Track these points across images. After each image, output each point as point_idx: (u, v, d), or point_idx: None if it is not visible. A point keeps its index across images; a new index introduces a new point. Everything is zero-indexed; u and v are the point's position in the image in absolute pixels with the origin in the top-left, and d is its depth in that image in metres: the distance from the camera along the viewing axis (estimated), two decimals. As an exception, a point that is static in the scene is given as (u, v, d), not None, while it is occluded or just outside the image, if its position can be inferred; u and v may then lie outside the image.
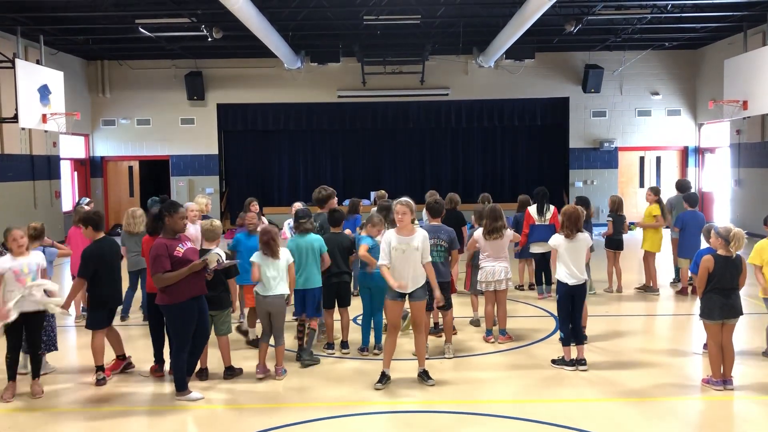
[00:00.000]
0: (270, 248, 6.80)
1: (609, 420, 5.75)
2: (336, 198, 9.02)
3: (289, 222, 9.17)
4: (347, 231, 8.78)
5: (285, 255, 6.95)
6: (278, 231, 7.11)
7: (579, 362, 7.05)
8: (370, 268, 7.29)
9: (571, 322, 7.07)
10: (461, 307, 9.41)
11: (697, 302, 6.90)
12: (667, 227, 10.91)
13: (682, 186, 11.20)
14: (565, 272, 7.01)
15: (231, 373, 6.94)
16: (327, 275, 7.44)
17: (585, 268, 7.16)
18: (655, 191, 10.87)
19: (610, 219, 10.78)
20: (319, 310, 7.49)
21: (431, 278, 6.65)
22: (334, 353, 7.59)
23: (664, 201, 11.00)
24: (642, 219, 10.99)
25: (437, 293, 6.69)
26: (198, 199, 9.60)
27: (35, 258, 6.60)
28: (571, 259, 7.00)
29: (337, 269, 7.53)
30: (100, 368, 6.81)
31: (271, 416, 5.89)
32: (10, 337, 6.43)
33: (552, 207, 10.43)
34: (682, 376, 6.99)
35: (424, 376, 6.64)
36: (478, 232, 8.24)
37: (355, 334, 7.98)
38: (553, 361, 7.17)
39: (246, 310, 8.35)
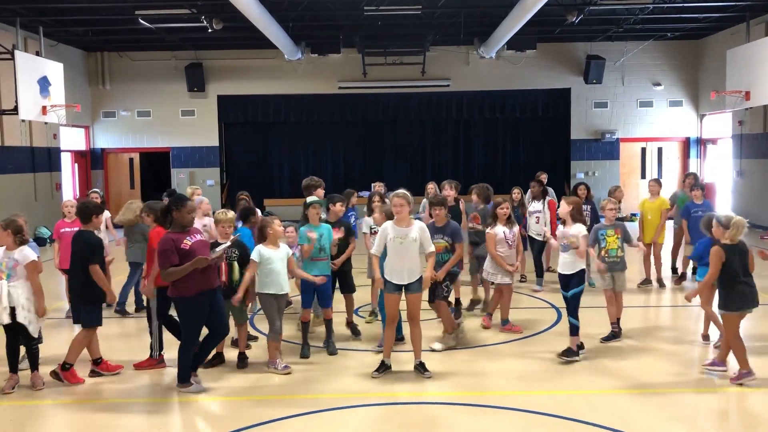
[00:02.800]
0: (266, 236, 6.78)
1: (612, 411, 5.74)
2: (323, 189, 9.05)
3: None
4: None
5: (284, 247, 6.93)
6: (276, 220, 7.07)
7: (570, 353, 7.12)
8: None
9: (568, 314, 7.14)
10: (463, 297, 9.42)
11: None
12: (670, 218, 10.90)
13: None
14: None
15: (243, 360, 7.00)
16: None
17: (581, 260, 7.13)
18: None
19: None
20: (331, 300, 7.46)
21: (429, 266, 6.63)
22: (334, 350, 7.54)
23: (668, 195, 11.02)
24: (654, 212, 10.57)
25: (427, 274, 6.61)
26: (186, 191, 9.58)
27: (18, 253, 6.33)
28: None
29: None
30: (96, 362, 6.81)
31: (273, 408, 5.88)
32: (6, 330, 6.42)
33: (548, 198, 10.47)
34: (686, 368, 6.98)
35: (420, 369, 6.64)
36: (489, 229, 8.15)
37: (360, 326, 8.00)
38: (564, 353, 7.06)
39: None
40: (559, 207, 7.28)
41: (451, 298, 8.18)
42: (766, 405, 5.97)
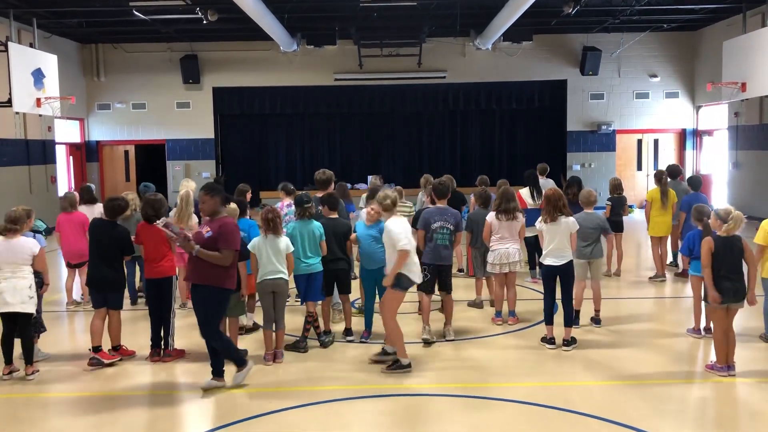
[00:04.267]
0: (274, 225, 6.80)
1: (608, 403, 5.75)
2: (333, 182, 8.97)
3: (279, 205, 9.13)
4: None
5: (285, 239, 6.92)
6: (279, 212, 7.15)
7: (565, 343, 7.15)
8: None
9: (562, 304, 7.23)
10: (462, 290, 9.43)
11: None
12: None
13: (674, 173, 11.14)
14: (543, 253, 7.24)
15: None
16: (323, 262, 7.33)
17: (569, 250, 7.20)
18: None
19: (609, 203, 10.75)
20: (322, 294, 7.47)
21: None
22: (330, 340, 7.51)
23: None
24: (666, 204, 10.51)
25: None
26: (184, 183, 9.52)
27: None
28: (550, 241, 7.14)
29: (332, 256, 7.39)
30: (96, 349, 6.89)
31: (270, 400, 5.89)
32: (3, 325, 6.52)
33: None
34: (682, 360, 7.01)
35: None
36: (491, 216, 8.17)
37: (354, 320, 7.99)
38: (541, 340, 7.34)
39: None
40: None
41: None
42: (758, 395, 5.99)
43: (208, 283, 6.02)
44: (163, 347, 7.04)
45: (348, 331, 7.61)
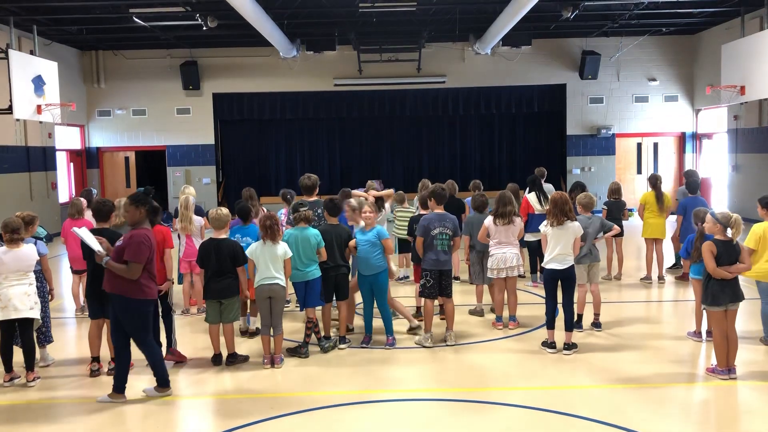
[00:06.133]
0: (272, 232, 6.81)
1: (608, 406, 5.76)
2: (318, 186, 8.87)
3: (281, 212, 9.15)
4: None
5: (283, 246, 6.93)
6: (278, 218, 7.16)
7: (565, 347, 7.15)
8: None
9: (563, 308, 7.23)
10: (462, 295, 9.43)
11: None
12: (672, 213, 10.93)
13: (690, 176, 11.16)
14: (547, 257, 7.20)
15: (233, 360, 6.99)
16: (323, 268, 7.31)
17: (572, 254, 7.20)
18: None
19: (605, 207, 10.76)
20: (321, 299, 7.45)
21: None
22: (330, 345, 7.51)
23: (669, 192, 11.03)
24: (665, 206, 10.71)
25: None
26: (184, 190, 9.57)
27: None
28: (555, 244, 7.11)
29: (333, 263, 7.37)
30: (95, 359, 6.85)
31: (271, 405, 5.89)
32: (3, 332, 6.52)
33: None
34: (683, 363, 7.01)
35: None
36: (489, 220, 8.18)
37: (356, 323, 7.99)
38: (542, 344, 7.33)
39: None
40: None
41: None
42: (759, 398, 6.00)
43: (119, 293, 5.97)
44: (166, 346, 7.05)
45: (342, 339, 7.56)
